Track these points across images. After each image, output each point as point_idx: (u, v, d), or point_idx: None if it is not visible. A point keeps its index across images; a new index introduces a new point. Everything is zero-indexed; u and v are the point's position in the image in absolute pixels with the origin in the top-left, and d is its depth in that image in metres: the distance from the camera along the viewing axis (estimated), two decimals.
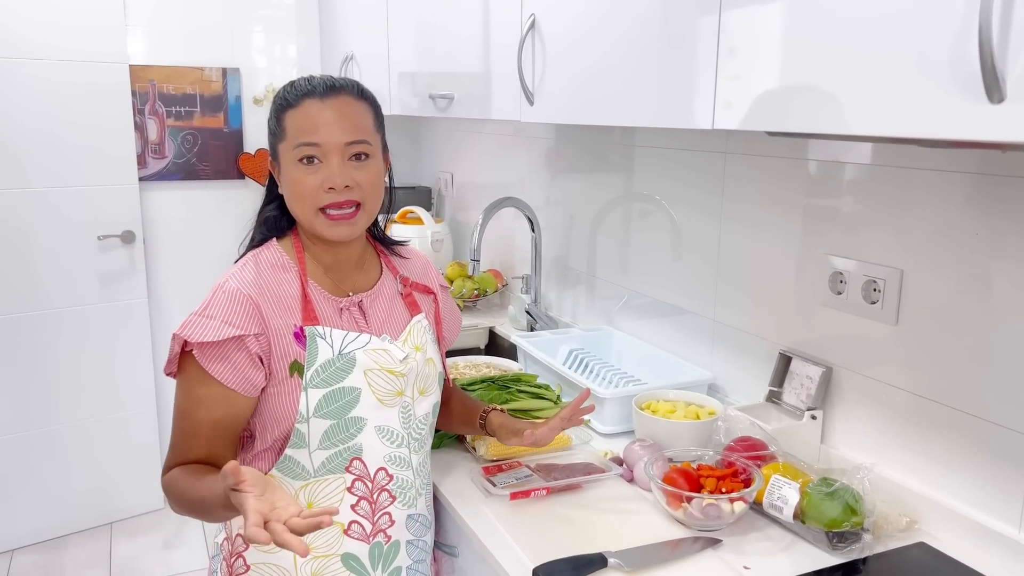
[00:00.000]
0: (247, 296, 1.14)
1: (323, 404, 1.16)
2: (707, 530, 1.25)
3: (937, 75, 0.81)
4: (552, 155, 2.31)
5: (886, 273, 1.29)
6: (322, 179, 1.15)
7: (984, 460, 1.19)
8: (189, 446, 1.15)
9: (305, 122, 1.16)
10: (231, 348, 1.12)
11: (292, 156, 1.16)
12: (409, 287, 1.34)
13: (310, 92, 1.17)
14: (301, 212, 1.19)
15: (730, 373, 1.67)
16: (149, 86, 3.00)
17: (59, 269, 2.90)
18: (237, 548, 1.23)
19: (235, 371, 1.13)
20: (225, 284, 1.15)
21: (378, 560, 1.23)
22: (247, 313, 1.13)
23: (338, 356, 1.17)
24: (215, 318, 1.12)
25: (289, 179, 1.17)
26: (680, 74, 1.19)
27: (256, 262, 1.20)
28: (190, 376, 1.14)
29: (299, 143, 1.15)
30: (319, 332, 1.17)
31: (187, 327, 1.12)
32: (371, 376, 1.19)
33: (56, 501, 3.02)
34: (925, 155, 1.22)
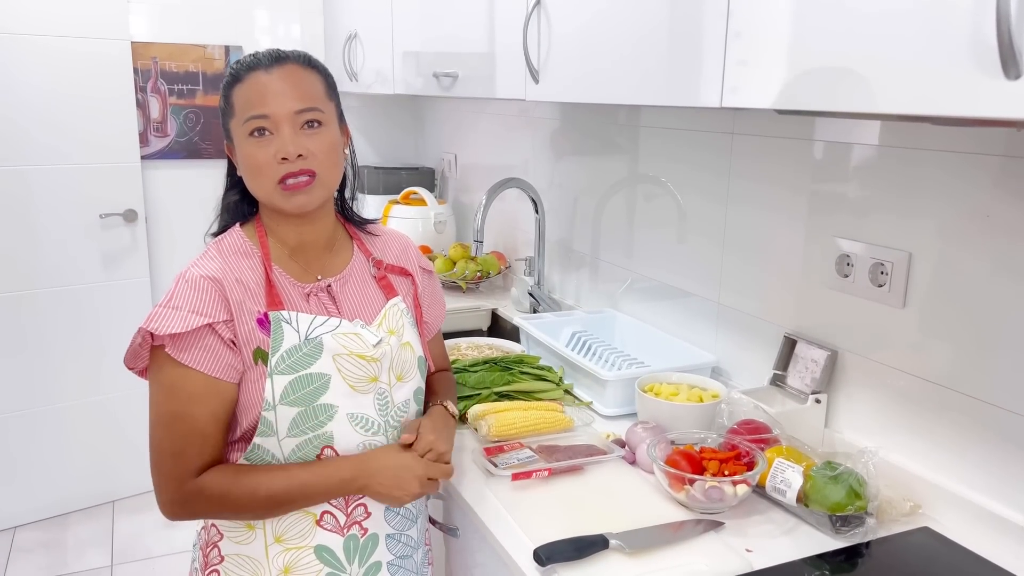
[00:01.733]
0: (211, 282, 1.10)
1: (289, 391, 1.11)
2: (709, 513, 1.24)
3: (952, 51, 0.79)
4: (557, 136, 2.29)
5: (894, 256, 1.28)
6: (275, 150, 1.12)
7: (990, 445, 1.18)
8: (199, 447, 1.10)
9: (253, 94, 1.13)
10: (204, 336, 1.08)
11: (243, 131, 1.13)
12: (384, 270, 1.29)
13: (255, 64, 1.14)
14: (259, 187, 1.15)
15: (734, 356, 1.66)
16: (151, 63, 2.98)
17: (61, 247, 2.89)
18: (212, 538, 1.20)
19: (213, 358, 1.09)
20: (187, 273, 1.12)
21: (354, 554, 1.19)
22: (213, 300, 1.10)
23: (304, 341, 1.13)
24: (181, 308, 1.08)
25: (243, 155, 1.14)
26: (688, 50, 1.17)
27: (219, 249, 1.17)
28: (168, 374, 1.09)
29: (248, 116, 1.12)
30: (284, 317, 1.13)
31: (153, 319, 1.07)
32: (340, 361, 1.15)
33: (58, 479, 3.02)
34: (935, 136, 1.20)
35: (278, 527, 1.16)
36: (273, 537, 1.16)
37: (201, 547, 1.23)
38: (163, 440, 1.10)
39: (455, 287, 2.56)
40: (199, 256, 1.16)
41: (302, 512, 1.16)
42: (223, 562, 1.19)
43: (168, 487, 1.10)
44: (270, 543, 1.16)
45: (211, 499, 1.10)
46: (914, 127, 1.24)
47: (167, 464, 1.10)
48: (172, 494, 1.10)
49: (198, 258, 1.15)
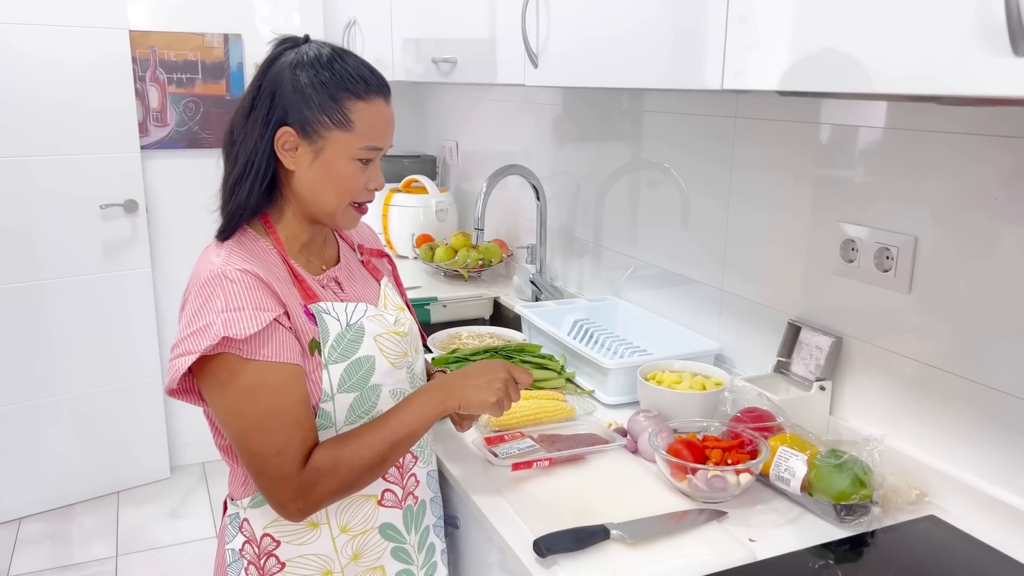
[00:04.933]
0: (255, 276, 1.06)
1: (345, 378, 1.12)
2: (712, 502, 1.22)
3: (959, 28, 0.76)
4: (559, 123, 2.27)
5: (900, 240, 1.26)
6: (368, 178, 1.15)
7: (998, 432, 1.16)
8: (300, 436, 1.05)
9: (379, 124, 1.13)
10: (272, 330, 1.05)
11: (353, 152, 1.12)
12: (366, 254, 1.33)
13: (379, 90, 1.13)
14: (331, 202, 1.14)
15: (738, 343, 1.64)
16: (150, 52, 2.96)
17: (62, 238, 2.88)
18: (266, 548, 1.16)
19: (286, 347, 1.06)
20: (226, 271, 1.05)
21: (411, 523, 1.24)
22: (266, 294, 1.06)
23: (347, 327, 1.14)
24: (244, 308, 1.03)
25: (338, 172, 1.12)
26: (688, 31, 1.15)
27: (240, 246, 1.12)
28: (246, 377, 1.03)
29: (371, 145, 1.13)
30: (323, 308, 1.13)
31: (228, 326, 1.00)
32: (381, 341, 1.17)
33: (63, 470, 3.03)
34: (942, 118, 1.18)
35: (342, 518, 1.16)
36: (339, 528, 1.16)
37: (251, 561, 1.16)
38: (261, 444, 1.04)
39: (457, 275, 2.54)
40: (220, 254, 1.09)
41: (362, 496, 1.17)
42: (284, 569, 1.15)
43: (283, 488, 1.04)
44: (336, 535, 1.16)
45: (328, 474, 1.06)
46: (920, 108, 1.21)
47: (273, 466, 1.04)
48: (290, 492, 1.05)
49: (224, 255, 1.08)
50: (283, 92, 1.10)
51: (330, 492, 1.08)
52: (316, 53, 1.12)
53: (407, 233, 2.78)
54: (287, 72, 1.11)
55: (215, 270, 1.05)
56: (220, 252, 1.10)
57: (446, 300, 2.33)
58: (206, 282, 1.05)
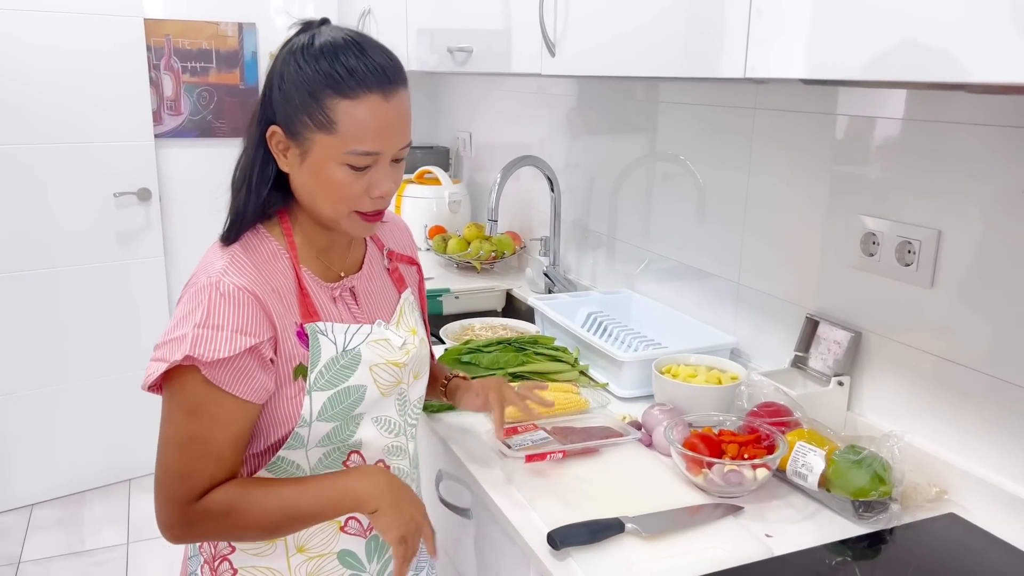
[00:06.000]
0: (251, 295, 0.98)
1: (328, 407, 1.05)
2: (728, 497, 1.21)
3: (991, 13, 0.74)
4: (574, 115, 2.25)
5: (923, 234, 1.24)
6: (368, 184, 1.02)
7: (1020, 429, 1.14)
8: (212, 470, 1.00)
9: (368, 125, 0.98)
10: (245, 359, 0.97)
11: (338, 157, 0.99)
12: (395, 260, 1.22)
13: (374, 85, 0.97)
14: (331, 209, 1.03)
15: (754, 338, 1.63)
16: (164, 41, 2.95)
17: (75, 226, 2.89)
18: (221, 551, 1.12)
19: (250, 382, 0.99)
20: (221, 284, 0.98)
21: (374, 553, 1.16)
22: (256, 316, 0.98)
23: (342, 353, 1.05)
24: (223, 328, 0.96)
25: (326, 178, 1.00)
26: (710, 17, 1.13)
27: (246, 252, 1.03)
28: (195, 395, 0.97)
29: (358, 151, 0.99)
30: (320, 328, 1.04)
31: (197, 344, 0.94)
32: (376, 371, 1.09)
33: (75, 457, 3.04)
34: (965, 108, 1.15)
35: (300, 538, 1.10)
36: (295, 547, 1.11)
37: (207, 560, 1.14)
38: (173, 462, 0.99)
39: (469, 267, 2.53)
40: (224, 260, 1.01)
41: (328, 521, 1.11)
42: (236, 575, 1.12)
43: (170, 510, 1.00)
44: (292, 554, 1.11)
45: (215, 518, 1.00)
46: (943, 98, 1.19)
47: (172, 486, 0.99)
48: (174, 516, 1.00)
49: (225, 262, 1.01)
50: (273, 86, 1.01)
51: (210, 536, 1.05)
52: (308, 41, 0.99)
53: (420, 224, 2.77)
54: (279, 63, 1.01)
55: (211, 278, 0.98)
56: (223, 256, 1.02)
57: (458, 292, 2.32)
58: (199, 289, 0.99)
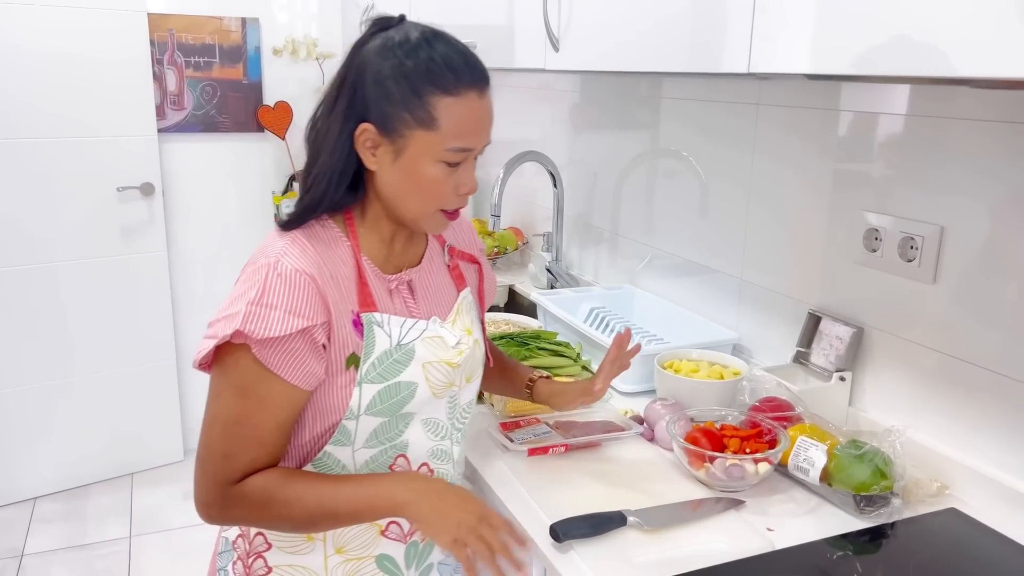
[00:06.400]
0: (309, 278, 0.97)
1: (377, 401, 1.02)
2: (730, 491, 1.22)
3: (997, 8, 0.75)
4: (577, 110, 2.25)
5: (925, 230, 1.24)
6: (456, 182, 1.02)
7: (1021, 424, 1.14)
8: (255, 454, 0.99)
9: (468, 121, 0.99)
10: (296, 341, 0.96)
11: (437, 153, 0.99)
12: (456, 257, 1.19)
13: (472, 82, 0.98)
14: (415, 207, 1.03)
15: (757, 333, 1.63)
16: (168, 35, 2.95)
17: (79, 220, 2.89)
18: (256, 547, 1.10)
19: (300, 366, 0.97)
20: (280, 264, 0.97)
21: (412, 559, 1.13)
22: (311, 299, 0.97)
23: (396, 347, 1.03)
24: (277, 307, 0.95)
25: (420, 175, 1.00)
26: (714, 12, 1.13)
27: (307, 236, 1.02)
28: (244, 374, 0.97)
29: (459, 146, 0.99)
30: (376, 319, 1.02)
31: (248, 320, 0.94)
32: (429, 369, 1.06)
33: (78, 451, 3.05)
34: (968, 105, 1.16)
35: (340, 538, 1.08)
36: (334, 548, 1.08)
37: (240, 557, 1.12)
38: (217, 441, 0.99)
39: None
40: (284, 242, 1.01)
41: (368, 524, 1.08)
42: (270, 573, 1.09)
43: (209, 488, 0.99)
44: (330, 554, 1.09)
45: (252, 504, 0.99)
46: (946, 94, 1.19)
47: (214, 465, 0.99)
48: (212, 496, 0.99)
49: (285, 243, 1.00)
50: (365, 83, 0.99)
51: (244, 520, 1.03)
52: (403, 37, 0.98)
53: None
54: (371, 60, 0.99)
55: (270, 259, 0.98)
56: (284, 238, 1.01)
57: None
58: (257, 269, 0.98)
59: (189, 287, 3.22)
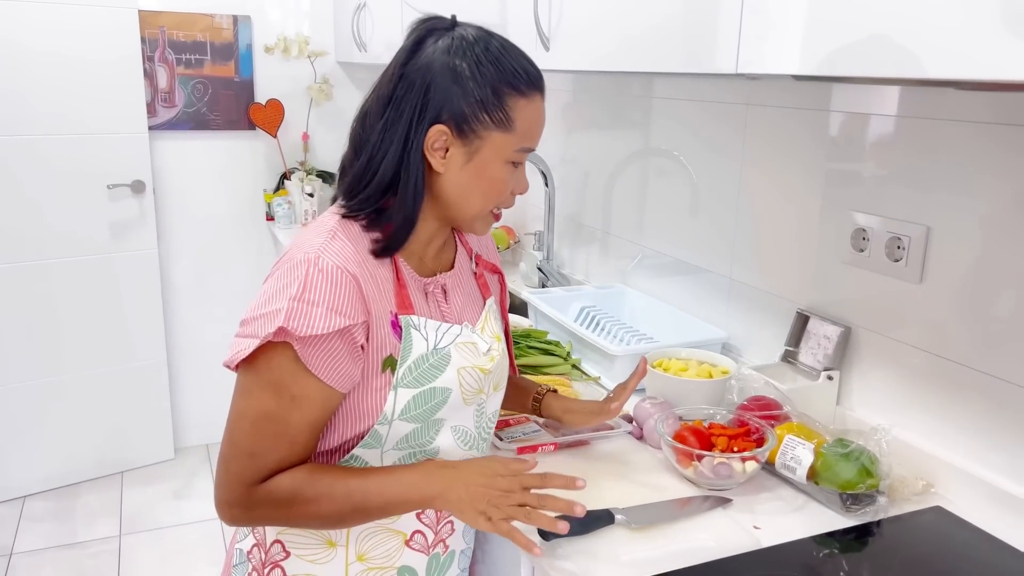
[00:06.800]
0: (351, 276, 0.95)
1: (411, 406, 1.00)
2: (717, 489, 1.22)
3: (983, 12, 0.75)
4: (569, 110, 2.26)
5: (912, 230, 1.25)
6: (514, 183, 1.04)
7: (1006, 424, 1.15)
8: (283, 453, 0.96)
9: (536, 122, 1.01)
10: (335, 340, 0.94)
11: (509, 154, 1.00)
12: (481, 266, 1.18)
13: (540, 85, 1.01)
14: (476, 207, 1.03)
15: (745, 332, 1.64)
16: (159, 32, 2.94)
17: (69, 218, 2.88)
18: (273, 556, 1.07)
19: (337, 366, 0.95)
20: (321, 261, 0.94)
21: (433, 571, 1.12)
22: (352, 297, 0.94)
23: (433, 351, 1.01)
24: (319, 304, 0.92)
25: (490, 175, 1.00)
26: (703, 13, 1.14)
27: (347, 233, 1.00)
28: (280, 372, 0.94)
29: (527, 147, 1.01)
30: (414, 323, 1.00)
31: (292, 316, 0.91)
32: (463, 374, 1.04)
33: (68, 449, 3.04)
34: (956, 106, 1.16)
35: (363, 546, 1.06)
36: (356, 556, 1.06)
37: (255, 567, 1.09)
38: (244, 438, 0.96)
39: None
40: (323, 238, 0.98)
41: (391, 531, 1.06)
42: None
43: (233, 487, 0.96)
44: (351, 561, 1.06)
45: (278, 503, 0.96)
46: (934, 96, 1.20)
47: (239, 462, 0.96)
48: (236, 495, 0.96)
49: (323, 241, 0.97)
50: (438, 85, 0.96)
51: (270, 520, 1.01)
52: (474, 37, 0.98)
53: None
54: (443, 60, 0.97)
55: (309, 254, 0.95)
56: (322, 233, 0.99)
57: None
58: (295, 264, 0.95)
59: (180, 285, 3.21)
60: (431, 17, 1.02)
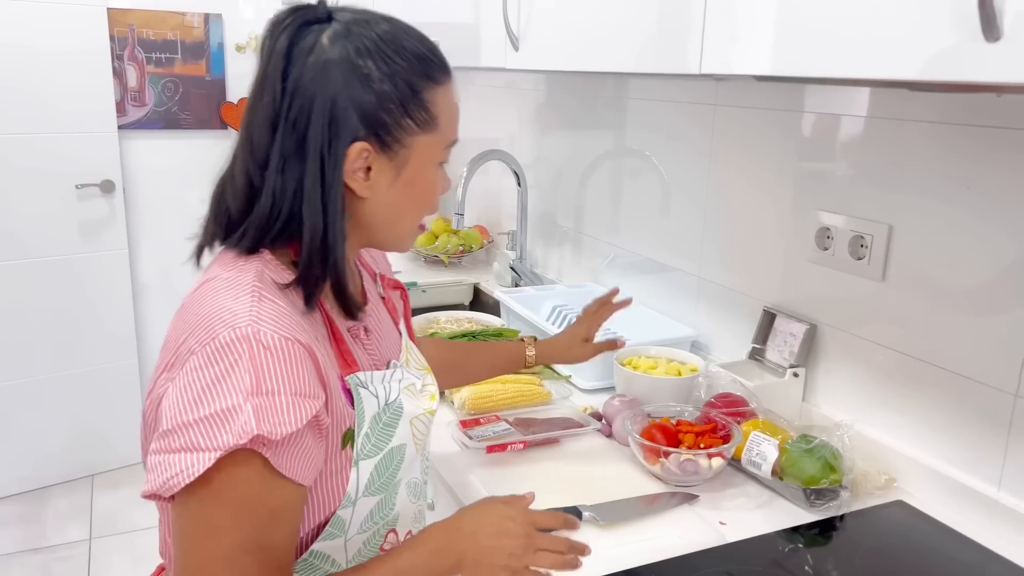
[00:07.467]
0: (303, 348, 0.75)
1: (375, 477, 0.85)
2: (684, 485, 1.23)
3: (933, 12, 0.77)
4: (542, 110, 2.26)
5: (874, 229, 1.27)
6: (442, 184, 0.90)
7: (966, 418, 1.17)
8: None
9: (456, 111, 0.87)
10: (305, 432, 0.75)
11: (436, 156, 0.86)
12: (386, 287, 1.04)
13: (448, 66, 0.86)
14: (410, 224, 0.89)
15: (714, 330, 1.65)
16: (128, 30, 2.91)
17: (37, 218, 2.84)
18: None
19: (308, 460, 0.77)
20: (260, 334, 0.73)
21: None
22: (309, 373, 0.75)
23: (384, 408, 0.86)
24: (279, 393, 0.72)
25: (424, 184, 0.86)
26: (667, 14, 1.15)
27: (270, 290, 0.79)
28: (249, 487, 0.73)
29: (451, 141, 0.87)
30: (361, 380, 0.84)
31: (262, 418, 0.70)
32: (416, 424, 0.90)
33: (37, 452, 3.00)
34: (923, 106, 1.18)
35: None
36: None
37: None
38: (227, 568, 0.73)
39: (437, 261, 2.54)
40: (245, 301, 0.76)
41: None
42: None
43: None
44: None
45: None
46: (899, 98, 1.22)
47: None
48: None
49: (250, 305, 0.76)
50: (344, 94, 0.78)
51: None
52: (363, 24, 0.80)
53: None
54: (338, 61, 0.78)
55: (241, 328, 0.73)
56: (241, 295, 0.77)
57: (426, 286, 2.33)
58: (225, 345, 0.72)
59: (150, 286, 3.17)
60: (297, 7, 0.82)
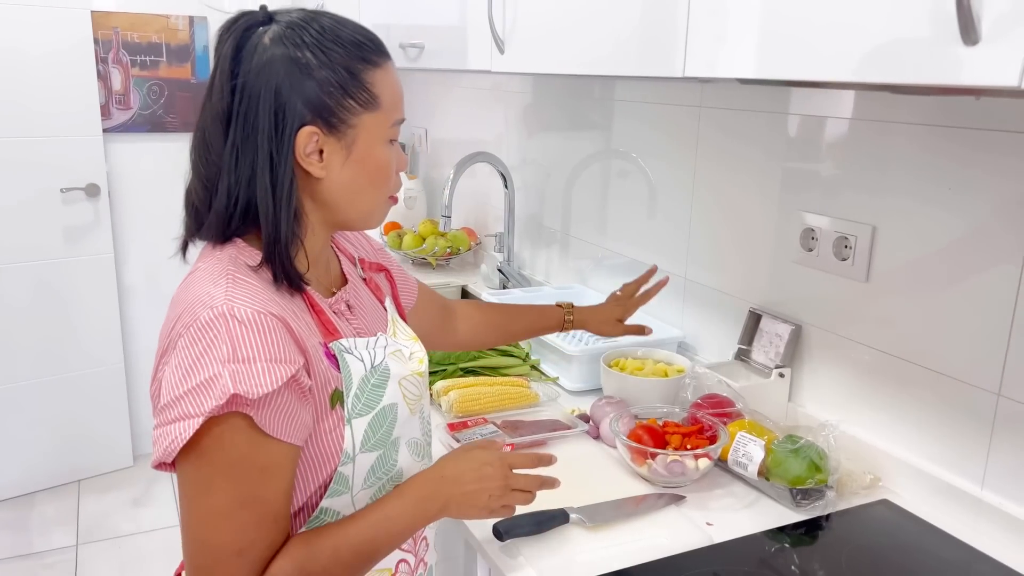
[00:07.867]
0: (276, 319, 0.83)
1: (370, 434, 0.92)
2: (671, 486, 1.24)
3: (911, 16, 0.77)
4: (530, 111, 2.27)
5: (858, 230, 1.27)
6: (396, 161, 0.97)
7: (950, 418, 1.18)
8: (272, 536, 0.85)
9: (398, 90, 0.94)
10: (284, 392, 0.83)
11: (384, 132, 0.93)
12: (368, 270, 1.13)
13: (385, 50, 0.93)
14: (371, 200, 0.96)
15: (700, 331, 1.66)
16: (112, 34, 2.90)
17: (21, 222, 2.82)
18: None
19: (293, 420, 0.84)
20: (235, 310, 0.81)
21: None
22: (284, 340, 0.83)
23: (372, 370, 0.93)
24: (255, 360, 0.80)
25: (375, 162, 0.93)
26: (652, 17, 1.15)
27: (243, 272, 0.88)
28: (237, 447, 0.81)
29: (397, 119, 0.94)
30: (345, 346, 0.92)
31: (238, 381, 0.78)
32: (405, 385, 0.97)
33: (23, 458, 2.98)
34: (907, 109, 1.19)
35: None
36: None
37: None
38: (224, 540, 0.82)
39: (425, 263, 2.53)
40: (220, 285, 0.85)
41: (377, 571, 0.97)
42: None
43: None
44: None
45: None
46: (883, 101, 1.23)
47: (227, 567, 0.82)
48: None
49: (226, 288, 0.84)
50: (287, 84, 0.87)
51: None
52: (302, 21, 0.90)
53: None
54: (280, 55, 0.87)
55: (218, 308, 0.81)
56: (218, 281, 0.85)
57: None
58: (206, 323, 0.81)
59: (136, 290, 3.16)
60: (241, 14, 0.91)
